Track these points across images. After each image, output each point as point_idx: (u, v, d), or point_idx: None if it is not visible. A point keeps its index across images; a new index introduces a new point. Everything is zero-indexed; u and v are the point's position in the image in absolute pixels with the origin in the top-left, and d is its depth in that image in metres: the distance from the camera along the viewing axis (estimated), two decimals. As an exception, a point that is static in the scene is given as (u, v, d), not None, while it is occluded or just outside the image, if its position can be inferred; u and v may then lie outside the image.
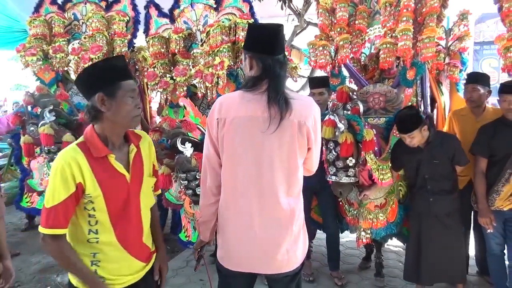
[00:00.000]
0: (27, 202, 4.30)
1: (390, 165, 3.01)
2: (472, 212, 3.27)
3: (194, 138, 3.25)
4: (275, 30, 1.66)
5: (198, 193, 3.18)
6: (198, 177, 3.13)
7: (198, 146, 3.12)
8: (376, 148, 2.97)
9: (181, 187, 3.58)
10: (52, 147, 3.56)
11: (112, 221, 1.55)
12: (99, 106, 1.50)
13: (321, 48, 3.31)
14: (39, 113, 3.74)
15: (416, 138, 2.76)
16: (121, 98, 1.51)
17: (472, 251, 3.48)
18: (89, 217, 1.53)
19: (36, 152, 3.91)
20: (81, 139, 1.56)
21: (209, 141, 1.70)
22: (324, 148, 3.03)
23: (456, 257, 2.99)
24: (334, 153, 2.91)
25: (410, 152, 2.89)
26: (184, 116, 3.53)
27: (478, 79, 3.18)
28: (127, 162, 1.62)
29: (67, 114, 3.83)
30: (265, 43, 1.64)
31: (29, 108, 3.86)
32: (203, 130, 3.21)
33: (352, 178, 2.96)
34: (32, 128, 3.71)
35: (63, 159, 1.47)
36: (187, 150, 3.12)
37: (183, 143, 3.13)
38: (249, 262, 1.69)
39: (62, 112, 3.70)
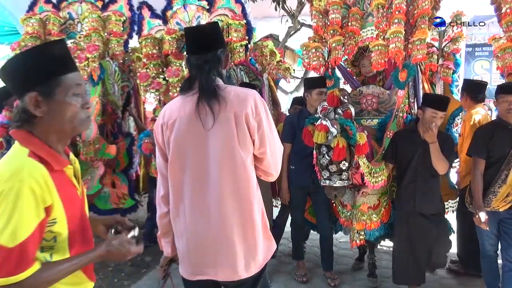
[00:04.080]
0: None
1: (383, 166, 3.03)
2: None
3: None
4: (199, 30, 1.73)
5: None
6: None
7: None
8: (368, 151, 2.99)
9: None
10: None
11: (70, 246, 1.27)
12: (33, 110, 1.18)
13: (314, 50, 3.33)
14: None
15: None
16: (62, 98, 1.20)
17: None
18: (45, 242, 1.21)
19: None
20: (24, 149, 1.18)
21: (158, 150, 1.68)
22: (315, 152, 3.04)
23: (441, 251, 3.10)
24: (327, 157, 2.92)
25: (410, 143, 2.92)
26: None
27: None
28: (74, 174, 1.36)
29: None
30: (191, 44, 1.68)
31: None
32: None
33: (346, 181, 2.97)
34: None
35: (29, 175, 1.12)
36: None
37: None
38: (202, 269, 1.63)
39: None
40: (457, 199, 3.57)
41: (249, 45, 3.62)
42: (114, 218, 1.48)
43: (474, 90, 3.59)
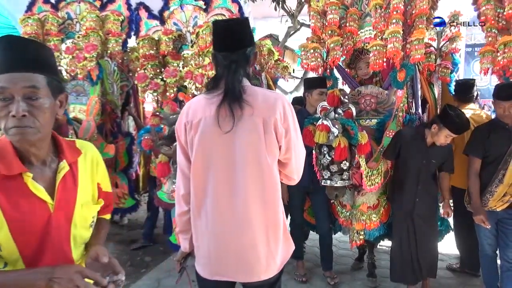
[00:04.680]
0: None
1: (381, 167, 3.04)
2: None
3: None
4: (229, 25, 1.59)
5: None
6: None
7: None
8: (369, 150, 2.99)
9: (174, 186, 3.58)
10: None
11: (26, 260, 1.14)
12: None
13: (312, 51, 3.34)
14: None
15: None
16: None
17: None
18: None
19: None
20: None
21: (179, 148, 1.66)
22: (315, 152, 3.04)
23: (434, 254, 3.12)
24: (328, 157, 2.91)
25: (415, 148, 2.93)
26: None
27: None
28: (53, 184, 1.21)
29: None
30: (219, 41, 1.59)
31: None
32: None
33: (347, 181, 2.97)
34: None
35: None
36: None
37: None
38: (222, 270, 1.61)
39: None
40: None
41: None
42: (95, 250, 1.25)
43: (460, 90, 3.58)
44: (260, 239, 1.56)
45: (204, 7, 3.77)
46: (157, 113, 3.68)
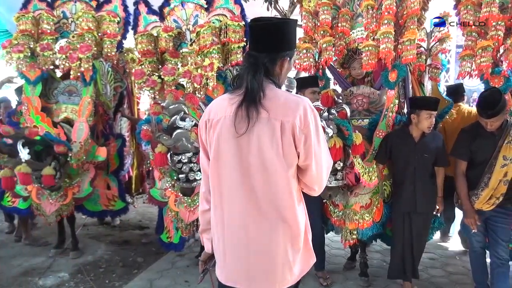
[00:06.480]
0: (8, 201, 4.14)
1: (375, 166, 3.07)
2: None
3: (196, 118, 3.22)
4: (265, 25, 1.50)
5: (190, 178, 3.17)
6: (193, 160, 3.12)
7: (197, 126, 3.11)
8: (364, 150, 3.02)
9: (168, 184, 3.56)
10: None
11: None
12: None
13: (304, 51, 3.35)
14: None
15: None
16: None
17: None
18: None
19: None
20: None
21: (200, 146, 1.64)
22: None
23: (421, 254, 3.23)
24: (322, 158, 2.93)
25: (405, 146, 2.98)
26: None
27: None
28: None
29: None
30: (251, 39, 1.55)
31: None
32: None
33: (341, 181, 2.99)
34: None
35: None
36: (187, 125, 3.08)
37: (183, 120, 3.11)
38: (235, 277, 1.57)
39: (34, 141, 3.54)
40: None
41: (246, 47, 3.61)
42: None
43: (451, 93, 3.94)
44: (277, 247, 1.51)
45: (205, 6, 3.74)
46: (159, 102, 3.60)
